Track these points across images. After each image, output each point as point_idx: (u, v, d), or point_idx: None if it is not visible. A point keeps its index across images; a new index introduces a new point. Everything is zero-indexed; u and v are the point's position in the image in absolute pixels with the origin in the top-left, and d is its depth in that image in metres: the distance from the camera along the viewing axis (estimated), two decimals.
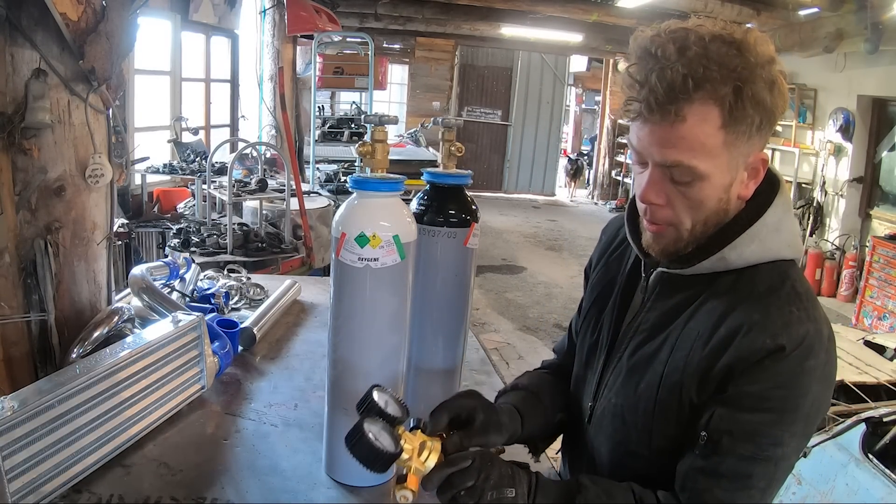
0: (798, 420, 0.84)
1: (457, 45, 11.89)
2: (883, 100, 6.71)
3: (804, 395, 0.83)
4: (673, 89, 0.80)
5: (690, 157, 0.84)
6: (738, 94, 0.81)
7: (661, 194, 0.88)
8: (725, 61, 0.81)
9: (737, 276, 0.89)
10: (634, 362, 0.95)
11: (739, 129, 0.83)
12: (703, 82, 0.80)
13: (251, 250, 4.11)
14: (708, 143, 0.83)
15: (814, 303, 0.88)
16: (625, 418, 0.95)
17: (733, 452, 0.84)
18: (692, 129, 0.82)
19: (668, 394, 0.89)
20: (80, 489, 1.01)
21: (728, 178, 0.87)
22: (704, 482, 0.86)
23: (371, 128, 1.03)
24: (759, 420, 0.83)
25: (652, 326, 0.94)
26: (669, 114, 0.82)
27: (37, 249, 1.40)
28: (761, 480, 0.85)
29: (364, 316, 1.03)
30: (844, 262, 6.84)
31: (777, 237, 0.90)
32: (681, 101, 0.81)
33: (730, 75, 0.80)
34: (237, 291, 1.89)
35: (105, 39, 1.40)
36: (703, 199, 0.87)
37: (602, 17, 7.63)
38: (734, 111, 0.81)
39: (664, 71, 0.81)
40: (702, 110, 0.81)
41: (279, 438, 1.20)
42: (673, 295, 0.94)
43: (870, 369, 3.07)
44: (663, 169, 0.86)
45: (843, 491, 2.37)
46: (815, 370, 0.84)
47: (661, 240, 0.92)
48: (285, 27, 6.66)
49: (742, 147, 0.85)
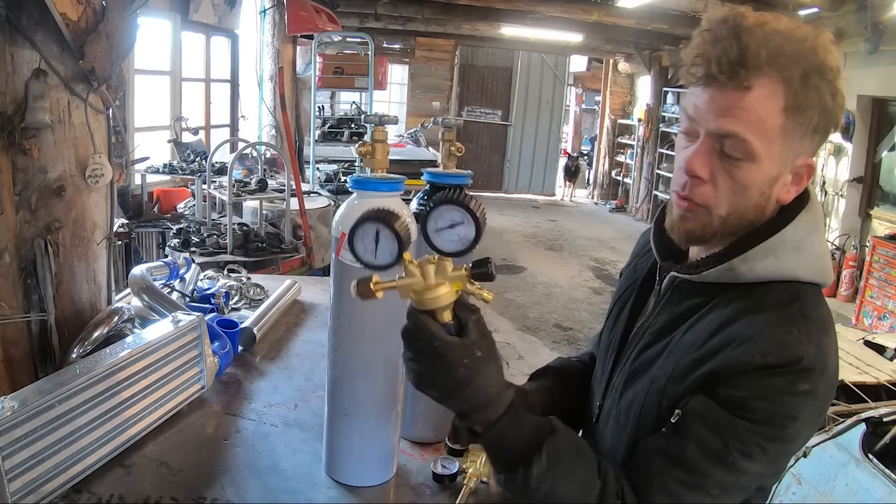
0: (776, 440, 0.79)
1: (457, 45, 11.89)
2: (883, 100, 6.71)
3: (791, 418, 0.78)
4: (746, 54, 0.78)
5: (747, 131, 0.80)
6: (805, 80, 0.79)
7: (707, 167, 0.84)
8: (799, 45, 0.80)
9: (747, 291, 0.85)
10: (636, 366, 0.94)
11: (799, 120, 0.81)
12: (776, 56, 0.78)
13: (251, 250, 4.11)
14: (767, 122, 0.80)
15: (823, 330, 0.82)
16: (620, 421, 0.95)
17: (700, 441, 0.79)
18: (755, 102, 0.80)
19: (654, 398, 0.88)
20: (80, 489, 1.01)
21: (776, 170, 0.83)
22: (659, 463, 0.81)
23: (371, 128, 1.03)
24: (737, 423, 0.78)
25: (657, 331, 0.93)
26: (738, 76, 0.79)
27: (37, 249, 1.40)
28: (716, 488, 0.80)
29: (364, 316, 1.03)
30: (844, 262, 6.84)
31: (796, 257, 0.85)
32: (751, 69, 0.79)
33: (802, 60, 0.79)
34: (237, 291, 1.89)
35: (105, 39, 1.40)
36: (748, 184, 0.83)
37: (602, 17, 7.64)
38: (799, 97, 0.79)
39: (741, 34, 0.79)
40: (769, 85, 0.79)
41: (279, 438, 1.20)
42: (681, 302, 0.92)
43: (870, 369, 3.07)
44: (715, 140, 0.83)
45: (843, 491, 2.37)
46: (809, 397, 0.78)
47: (689, 221, 0.88)
48: (285, 27, 6.66)
49: (796, 142, 0.82)
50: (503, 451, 0.83)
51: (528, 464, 0.80)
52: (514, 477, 0.81)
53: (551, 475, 0.80)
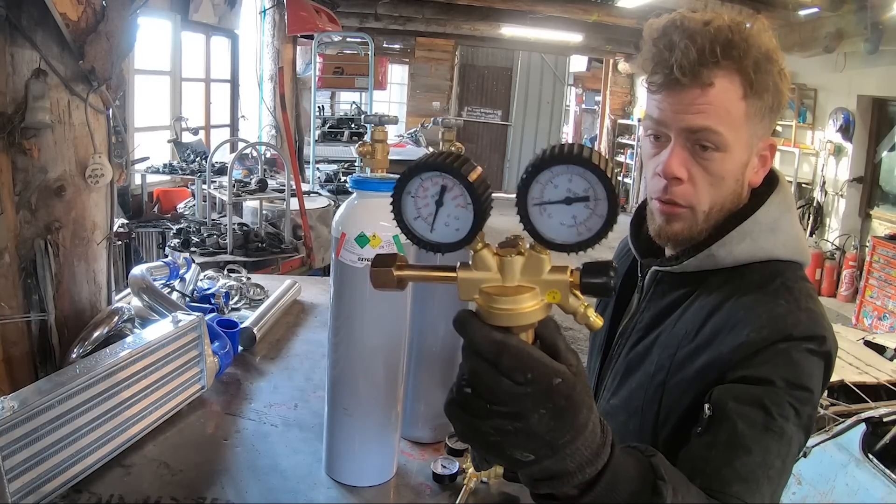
0: (804, 402, 0.78)
1: (457, 45, 11.89)
2: (883, 100, 6.71)
3: (808, 377, 0.79)
4: (703, 53, 0.83)
5: (717, 123, 0.84)
6: (758, 68, 0.83)
7: (683, 167, 0.87)
8: (744, 36, 0.84)
9: (729, 275, 0.88)
10: (628, 362, 0.95)
11: (757, 105, 0.85)
12: (729, 49, 0.83)
13: (251, 250, 4.11)
14: (732, 112, 0.85)
15: (808, 298, 0.84)
16: (618, 419, 0.95)
17: (743, 416, 0.75)
18: (718, 96, 0.84)
19: (654, 393, 0.88)
20: (80, 489, 1.01)
21: (745, 155, 0.88)
22: (720, 457, 0.74)
23: (371, 128, 1.03)
24: (763, 391, 0.77)
25: (646, 326, 0.94)
26: (700, 77, 0.83)
27: (37, 249, 1.40)
28: (776, 458, 0.75)
29: (364, 316, 1.03)
30: (844, 262, 6.84)
31: (771, 237, 0.88)
32: (710, 66, 0.83)
33: (752, 50, 0.83)
34: (237, 291, 1.89)
35: (105, 39, 1.40)
36: (723, 174, 0.87)
37: (602, 17, 7.64)
38: (755, 84, 0.84)
39: (694, 37, 0.83)
40: (728, 77, 0.84)
41: (279, 438, 1.20)
42: (666, 294, 0.94)
43: (870, 369, 3.07)
44: (687, 137, 0.86)
45: (843, 491, 2.37)
46: (815, 356, 0.80)
47: (675, 223, 0.90)
48: (285, 27, 6.66)
49: (757, 125, 0.87)
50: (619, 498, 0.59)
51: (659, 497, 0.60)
52: None
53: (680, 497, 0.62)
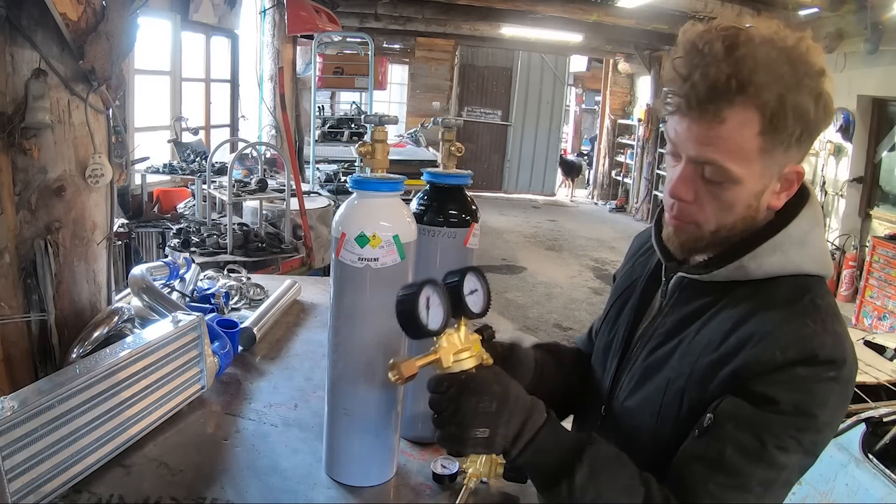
0: (808, 430, 0.80)
1: (457, 45, 11.89)
2: (883, 100, 6.71)
3: (820, 406, 0.80)
4: (715, 89, 0.79)
5: (725, 159, 0.82)
6: (781, 102, 0.79)
7: (691, 191, 0.86)
8: (773, 67, 0.78)
9: (756, 287, 0.87)
10: (647, 366, 0.94)
11: (778, 139, 0.81)
12: (746, 86, 0.78)
13: (251, 250, 4.11)
14: (745, 148, 0.81)
15: (834, 318, 0.84)
16: (634, 423, 0.94)
17: (736, 442, 0.79)
18: (730, 132, 0.81)
19: (672, 399, 0.88)
20: (80, 489, 1.01)
21: (760, 185, 0.85)
22: (699, 471, 0.81)
23: (371, 128, 1.03)
24: (768, 418, 0.79)
25: (668, 331, 0.93)
26: (708, 113, 0.80)
27: (37, 249, 1.40)
28: (759, 486, 0.80)
29: (364, 316, 1.03)
30: (844, 262, 6.84)
31: (801, 251, 0.87)
32: (722, 102, 0.79)
33: (775, 83, 0.78)
34: (237, 291, 1.89)
35: (105, 39, 1.40)
36: (733, 203, 0.85)
37: (602, 17, 7.64)
38: (775, 120, 0.79)
39: (709, 68, 0.79)
40: (742, 114, 0.80)
41: (279, 438, 1.20)
42: (691, 301, 0.92)
43: (870, 369, 3.07)
44: (696, 165, 0.85)
45: (843, 491, 2.37)
46: (833, 383, 0.80)
47: (681, 234, 0.91)
48: (285, 27, 6.66)
49: (779, 156, 0.83)
50: (546, 464, 0.84)
51: (570, 474, 0.81)
52: (558, 490, 0.82)
53: (594, 484, 0.81)
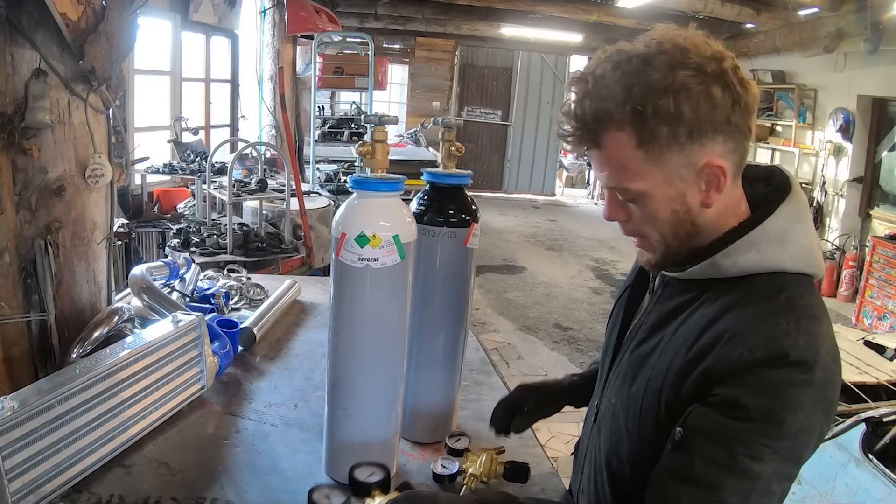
0: (782, 437, 0.78)
1: (457, 45, 11.89)
2: (883, 100, 6.70)
3: (792, 411, 0.77)
4: (580, 126, 0.85)
5: (621, 179, 0.86)
6: (636, 115, 0.81)
7: (620, 212, 0.92)
8: (616, 86, 0.81)
9: (733, 285, 0.86)
10: (631, 363, 0.95)
11: (658, 145, 0.82)
12: (600, 114, 0.83)
13: (251, 250, 4.11)
14: (630, 165, 0.84)
15: (813, 318, 0.82)
16: (619, 420, 0.95)
17: (705, 455, 0.79)
18: (611, 154, 0.85)
19: (651, 398, 0.88)
20: (80, 489, 1.01)
21: (671, 190, 0.85)
22: (672, 486, 0.81)
23: (371, 128, 1.03)
24: (736, 426, 0.78)
25: (650, 328, 0.94)
26: (589, 145, 0.86)
27: (37, 249, 1.40)
28: (733, 496, 0.78)
29: (364, 316, 1.03)
30: (844, 262, 6.84)
31: (780, 247, 0.86)
32: (591, 134, 0.85)
33: (624, 100, 0.81)
34: (237, 291, 1.89)
35: (105, 39, 1.40)
36: (653, 213, 0.88)
37: (602, 17, 7.64)
38: (640, 132, 0.82)
39: (571, 109, 0.86)
40: (613, 136, 0.83)
41: (279, 438, 1.20)
42: (672, 298, 0.93)
43: (870, 369, 3.07)
44: (611, 190, 0.90)
45: (843, 491, 2.37)
46: (806, 386, 0.78)
47: (645, 252, 0.95)
48: (285, 27, 6.66)
49: (674, 159, 0.83)
50: None
51: None
52: None
53: None
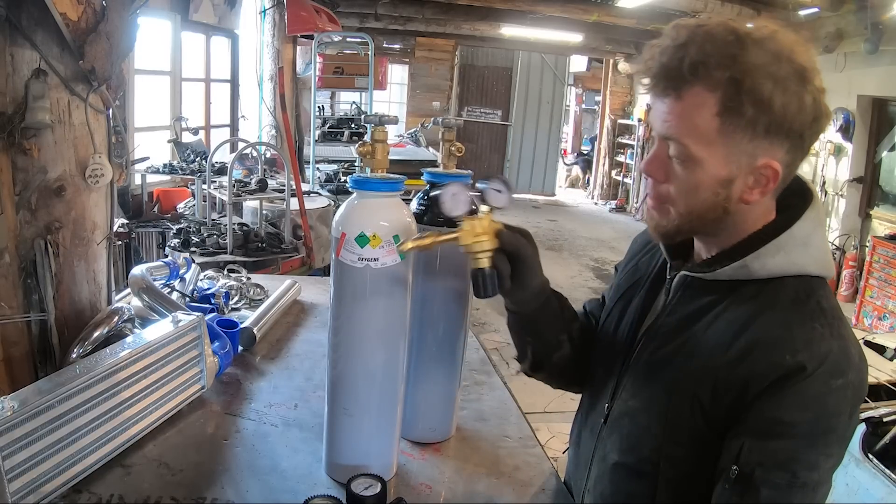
0: (832, 442, 0.82)
1: (457, 45, 11.88)
2: (883, 100, 6.70)
3: (836, 416, 0.81)
4: (672, 69, 0.84)
5: (684, 135, 0.86)
6: (733, 84, 0.82)
7: (661, 170, 0.90)
8: (725, 49, 0.82)
9: (760, 287, 0.88)
10: (652, 365, 0.94)
11: (737, 122, 0.83)
12: (698, 66, 0.83)
13: (251, 250, 4.11)
14: (702, 127, 0.84)
15: (840, 321, 0.85)
16: (638, 421, 0.94)
17: (768, 483, 0.80)
18: (688, 110, 0.85)
19: (682, 399, 0.88)
20: (80, 489, 1.01)
21: (725, 171, 0.86)
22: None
23: (371, 128, 1.03)
24: (791, 446, 0.80)
25: (672, 330, 0.94)
26: (670, 90, 0.86)
27: (37, 249, 1.39)
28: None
29: (364, 316, 1.03)
30: (844, 262, 6.83)
31: (804, 252, 0.88)
32: (679, 81, 0.84)
33: (729, 65, 0.82)
34: (237, 291, 1.89)
35: (105, 39, 1.40)
36: (696, 185, 0.87)
37: (602, 17, 7.64)
38: (730, 101, 0.83)
39: (666, 50, 0.85)
40: (699, 93, 0.84)
41: (279, 438, 1.20)
42: (694, 299, 0.93)
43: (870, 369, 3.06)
44: (663, 143, 0.89)
45: (843, 491, 2.37)
46: (846, 389, 0.81)
47: (656, 217, 0.94)
48: (285, 27, 6.66)
49: (743, 144, 0.84)
50: None
51: None
52: None
53: None
